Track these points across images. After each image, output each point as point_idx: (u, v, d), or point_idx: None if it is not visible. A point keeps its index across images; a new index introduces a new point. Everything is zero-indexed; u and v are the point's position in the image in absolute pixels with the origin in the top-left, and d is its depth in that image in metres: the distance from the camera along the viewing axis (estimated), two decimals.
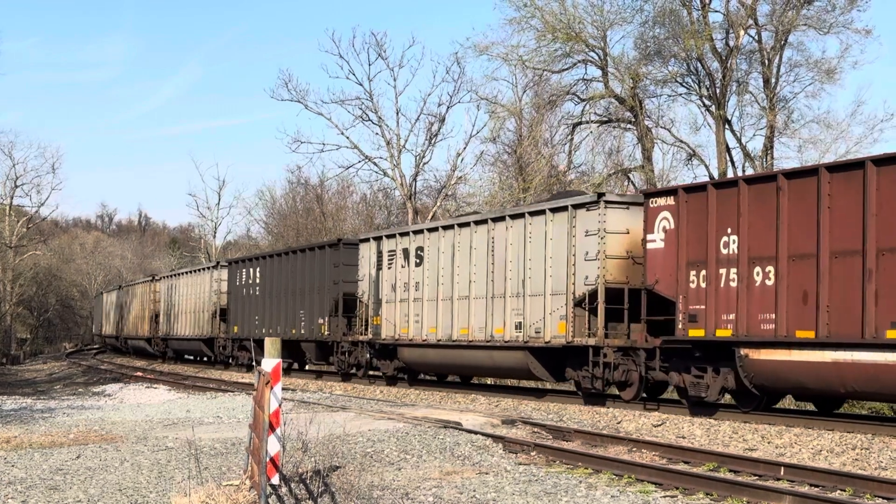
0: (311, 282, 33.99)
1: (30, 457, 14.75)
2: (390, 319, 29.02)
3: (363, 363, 31.14)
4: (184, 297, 49.22)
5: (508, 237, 24.33)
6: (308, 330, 34.02)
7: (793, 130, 38.95)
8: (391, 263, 29.31)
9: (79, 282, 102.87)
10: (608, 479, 12.89)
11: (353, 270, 31.50)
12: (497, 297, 24.59)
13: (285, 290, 36.26)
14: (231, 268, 42.92)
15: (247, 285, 40.17)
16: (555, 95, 42.43)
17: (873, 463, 14.07)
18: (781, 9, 37.16)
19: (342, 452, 14.44)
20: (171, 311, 51.53)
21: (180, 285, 50.25)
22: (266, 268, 38.39)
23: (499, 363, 25.02)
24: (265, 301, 38.14)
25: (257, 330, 38.41)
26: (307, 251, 35.03)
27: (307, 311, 34.13)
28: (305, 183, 68.35)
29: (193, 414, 21.85)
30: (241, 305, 40.66)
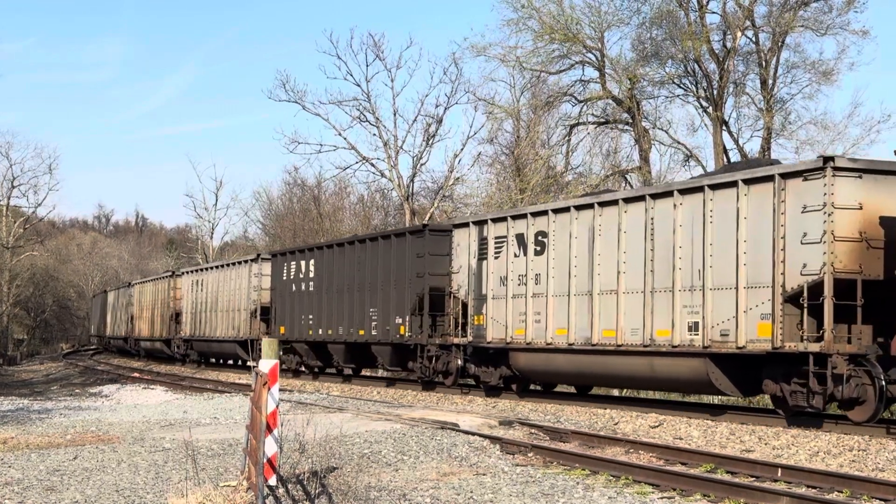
0: (386, 275, 29.06)
1: (26, 458, 14.73)
2: (499, 319, 24.29)
3: (453, 370, 26.56)
4: (214, 295, 44.17)
5: (678, 217, 19.45)
6: (381, 331, 29.15)
7: (790, 132, 39.04)
8: (499, 252, 24.50)
9: (76, 283, 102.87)
10: (605, 481, 12.89)
11: (443, 261, 26.89)
12: (660, 290, 19.82)
13: (349, 286, 31.21)
14: (276, 261, 37.51)
15: (296, 280, 34.95)
16: (552, 96, 42.49)
17: (870, 464, 14.07)
18: (778, 10, 37.22)
19: (339, 453, 14.43)
20: (197, 309, 46.47)
21: (209, 281, 45.07)
22: (323, 260, 33.16)
23: (662, 373, 20.21)
24: (322, 298, 32.93)
25: (311, 331, 33.60)
26: (380, 240, 29.95)
27: (380, 309, 29.24)
28: (302, 184, 68.35)
29: (191, 415, 21.84)
30: (289, 303, 35.51)
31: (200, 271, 47.51)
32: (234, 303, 41.27)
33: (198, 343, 46.64)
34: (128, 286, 62.87)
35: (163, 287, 52.51)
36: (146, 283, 57.72)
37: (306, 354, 34.28)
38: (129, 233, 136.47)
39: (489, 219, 25.15)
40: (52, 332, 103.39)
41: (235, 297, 41.20)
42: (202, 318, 45.50)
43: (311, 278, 33.93)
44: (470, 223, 25.84)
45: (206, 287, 45.24)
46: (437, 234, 27.62)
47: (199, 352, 47.39)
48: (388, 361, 29.30)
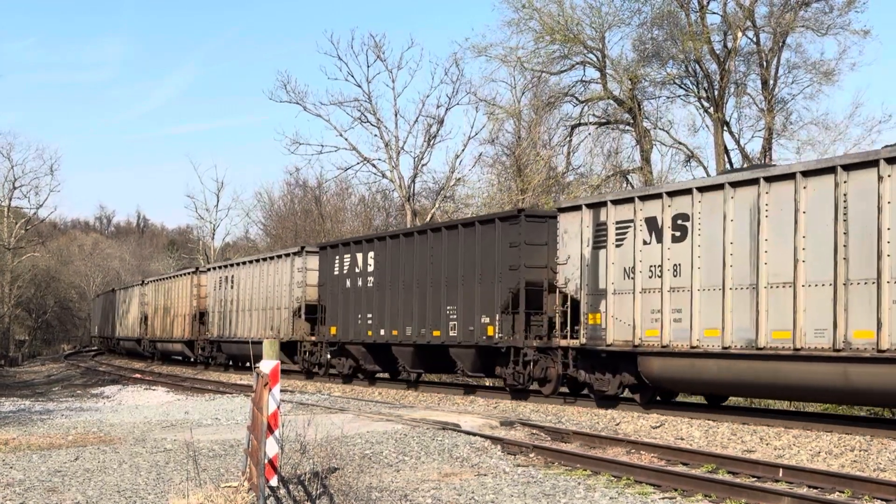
0: (470, 268, 25.62)
1: (28, 458, 14.74)
2: (622, 317, 20.89)
3: (552, 377, 23.56)
4: (247, 292, 40.19)
5: (885, 191, 16.15)
6: (463, 332, 25.69)
7: (791, 132, 39.04)
8: (622, 238, 21.02)
9: (77, 283, 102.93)
10: (607, 481, 12.90)
11: (540, 251, 23.68)
12: (857, 282, 16.48)
13: (420, 281, 27.65)
14: (325, 254, 33.63)
15: (351, 275, 31.25)
16: (553, 97, 42.49)
17: (872, 464, 14.07)
18: (779, 10, 37.22)
19: (340, 454, 14.44)
20: (226, 308, 42.55)
21: (241, 277, 40.90)
22: (386, 252, 29.52)
23: (862, 385, 16.61)
24: (384, 295, 29.37)
25: (371, 331, 30.03)
26: (461, 228, 26.32)
27: (461, 307, 25.77)
28: (304, 184, 68.43)
29: (192, 416, 21.85)
30: (342, 301, 31.78)
31: (230, 267, 43.00)
32: (273, 301, 37.32)
33: (226, 345, 42.74)
34: (141, 284, 59.14)
35: (184, 285, 48.71)
36: (163, 280, 53.96)
37: (363, 358, 30.90)
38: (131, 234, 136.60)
39: (609, 200, 21.50)
40: (54, 333, 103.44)
41: (275, 294, 37.24)
42: (233, 318, 41.55)
43: (370, 273, 30.21)
44: (582, 206, 22.12)
45: (239, 284, 41.13)
46: (535, 220, 24.21)
47: (228, 354, 43.32)
48: (470, 366, 25.79)
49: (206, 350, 45.47)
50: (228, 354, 43.18)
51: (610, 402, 21.92)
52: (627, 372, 21.13)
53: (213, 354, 44.80)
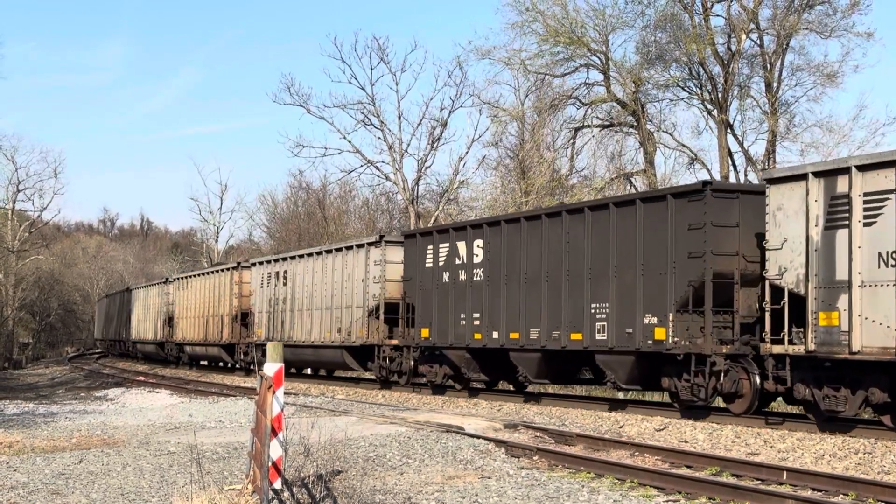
0: (627, 256, 21.00)
1: (32, 461, 14.75)
2: (877, 317, 16.22)
3: (746, 391, 18.99)
4: (306, 289, 35.18)
5: None
6: (616, 334, 21.09)
7: (795, 135, 39.01)
8: (875, 214, 16.42)
9: (81, 286, 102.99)
10: (610, 484, 12.89)
11: (730, 235, 19.26)
12: None
13: (552, 273, 23.00)
14: (412, 244, 28.48)
15: (450, 268, 26.56)
16: (557, 99, 42.49)
17: (876, 467, 14.06)
18: (783, 13, 37.19)
19: (344, 457, 14.44)
20: (277, 308, 37.70)
21: (297, 273, 36.07)
22: (500, 239, 24.75)
23: None
24: (499, 290, 24.75)
25: (479, 334, 25.25)
26: (614, 207, 21.60)
27: (615, 304, 21.23)
28: (307, 187, 68.47)
29: (195, 418, 21.86)
30: (437, 298, 26.95)
31: (283, 261, 37.89)
32: (342, 299, 32.33)
33: None
34: (164, 282, 54.57)
35: (220, 282, 43.97)
36: (194, 277, 49.02)
37: (466, 365, 26.32)
38: (134, 236, 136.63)
39: (853, 166, 16.74)
40: (58, 335, 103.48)
41: (344, 291, 32.27)
42: (286, 319, 36.63)
43: (478, 264, 25.54)
44: (808, 175, 17.43)
45: (294, 280, 36.26)
46: (724, 195, 19.61)
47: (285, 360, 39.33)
48: (625, 377, 21.29)
49: (248, 354, 40.36)
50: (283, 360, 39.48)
51: (847, 426, 17.39)
52: (877, 387, 16.49)
53: (260, 359, 40.21)
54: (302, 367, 39.15)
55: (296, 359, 36.21)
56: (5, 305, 76.85)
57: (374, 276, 30.58)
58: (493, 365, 26.09)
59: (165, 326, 53.05)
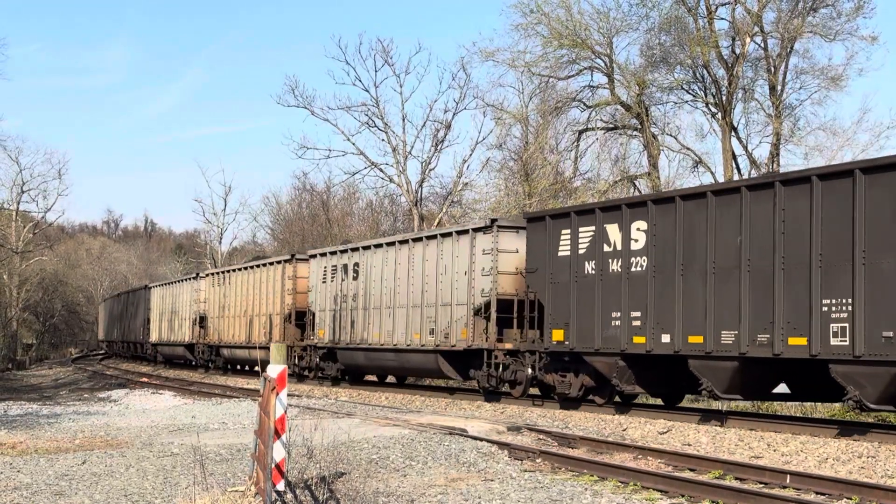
0: (884, 237, 16.59)
1: (35, 462, 14.76)
2: None
3: None
4: (385, 284, 30.44)
5: None
6: (864, 339, 16.69)
7: (798, 138, 39.04)
8: None
9: (84, 287, 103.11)
10: (614, 487, 12.88)
11: None
12: None
13: (754, 260, 18.59)
14: (537, 229, 23.82)
15: (596, 256, 22.02)
16: (561, 102, 42.52)
17: (879, 471, 14.04)
18: (787, 16, 37.21)
19: (347, 459, 14.44)
20: (345, 306, 32.77)
21: (372, 265, 31.29)
22: (673, 220, 20.25)
23: None
24: (670, 283, 20.15)
25: (641, 336, 20.74)
26: (861, 175, 16.89)
27: (861, 299, 16.76)
28: (311, 189, 68.51)
29: (199, 420, 21.86)
30: (577, 293, 22.42)
31: (351, 252, 32.91)
32: (437, 295, 27.68)
33: (348, 353, 32.69)
34: (194, 278, 49.60)
35: (268, 277, 39.13)
36: (232, 272, 43.89)
37: (619, 375, 21.46)
38: (138, 237, 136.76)
39: None
40: (61, 336, 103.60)
41: (439, 286, 27.58)
42: (358, 319, 31.88)
43: (639, 251, 21.09)
44: None
45: (368, 273, 31.50)
46: None
47: (355, 366, 33.24)
48: (878, 393, 16.70)
49: (304, 359, 35.90)
50: (354, 365, 33.26)
51: None
52: None
53: (322, 364, 34.70)
54: (376, 372, 34.18)
55: (370, 364, 32.00)
56: (9, 306, 76.94)
57: (482, 268, 25.86)
58: (658, 375, 21.56)
59: (195, 327, 48.15)
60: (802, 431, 17.78)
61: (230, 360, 44.62)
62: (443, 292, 27.46)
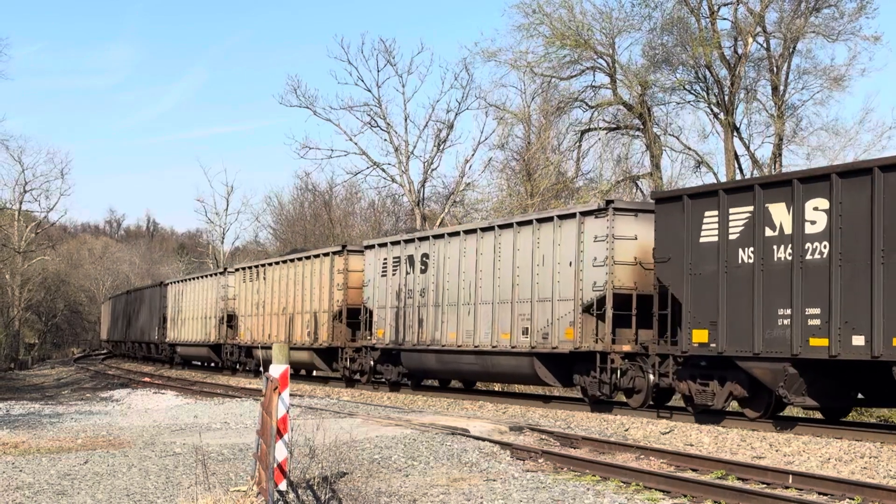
0: None
1: (38, 462, 14.77)
2: None
3: None
4: (464, 277, 26.77)
5: None
6: None
7: (801, 138, 39.02)
8: None
9: (87, 287, 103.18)
10: (616, 487, 12.88)
11: None
12: None
13: None
14: (674, 209, 20.35)
15: (755, 240, 18.53)
16: (563, 102, 42.52)
17: (882, 471, 14.03)
18: (789, 16, 37.19)
19: (349, 458, 14.44)
20: (410, 302, 29.08)
21: (446, 256, 27.55)
22: (865, 195, 16.77)
23: None
24: (863, 273, 16.75)
25: (826, 336, 17.23)
26: None
27: None
28: (313, 189, 68.52)
29: (201, 419, 21.87)
30: (728, 286, 19.05)
31: (419, 241, 29.17)
32: (533, 290, 24.08)
33: (418, 355, 28.79)
34: (222, 273, 45.68)
35: (314, 271, 35.07)
36: (269, 266, 39.54)
37: (787, 384, 17.86)
38: (141, 237, 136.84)
39: None
40: (63, 336, 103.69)
41: (536, 279, 23.95)
42: (427, 317, 28.26)
43: (816, 236, 17.51)
44: None
45: (440, 265, 27.87)
46: None
47: (423, 370, 29.36)
48: None
49: (358, 361, 32.57)
50: (417, 369, 29.46)
51: None
52: None
53: (380, 368, 31.24)
54: (452, 378, 30.55)
55: (443, 368, 28.18)
56: (11, 306, 77.00)
57: (593, 258, 22.39)
58: (841, 384, 18.31)
59: (222, 326, 44.40)
60: (805, 432, 17.77)
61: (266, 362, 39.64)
62: (540, 286, 23.81)
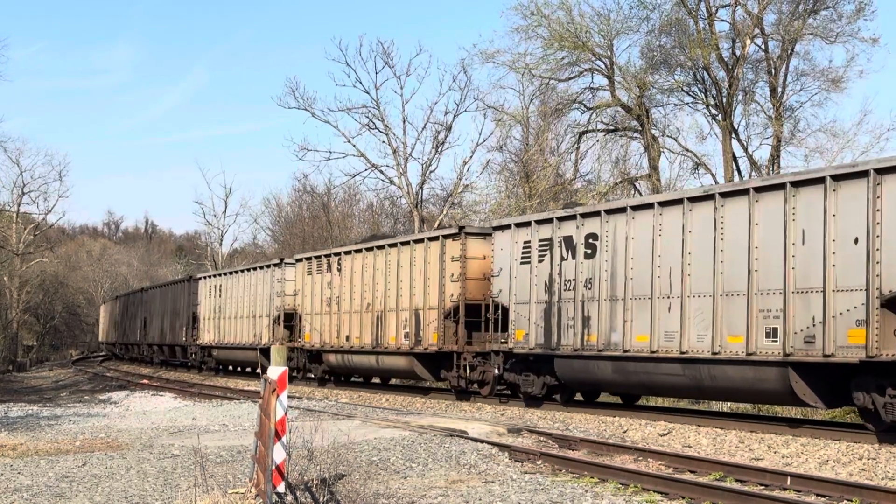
0: None
1: (36, 464, 14.76)
2: None
3: None
4: (661, 262, 20.81)
5: None
6: None
7: (799, 140, 39.05)
8: None
9: (85, 289, 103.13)
10: (614, 488, 12.88)
11: None
12: None
13: None
14: None
15: None
16: (561, 104, 42.53)
17: (880, 473, 14.04)
18: (788, 18, 37.22)
19: (348, 460, 14.43)
20: (559, 298, 23.05)
21: (631, 235, 21.49)
22: None
23: None
24: None
25: None
26: None
27: None
28: (312, 191, 68.55)
29: (199, 421, 21.86)
30: None
31: (578, 219, 22.78)
32: (786, 277, 18.06)
33: (583, 364, 22.41)
34: (278, 265, 39.15)
35: (418, 259, 28.81)
36: (348, 255, 33.15)
37: None
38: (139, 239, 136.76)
39: None
40: (62, 338, 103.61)
41: (792, 262, 17.96)
42: (598, 314, 21.98)
43: None
44: None
45: (613, 249, 21.80)
46: None
47: (591, 381, 22.90)
48: None
49: (478, 369, 26.23)
50: (583, 381, 23.02)
51: None
52: None
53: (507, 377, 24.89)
54: (641, 393, 24.13)
55: (625, 381, 21.82)
56: (10, 308, 76.94)
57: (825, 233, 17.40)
58: None
59: (276, 326, 38.48)
60: (803, 433, 17.77)
61: (347, 368, 33.63)
62: (802, 272, 17.83)
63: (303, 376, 36.21)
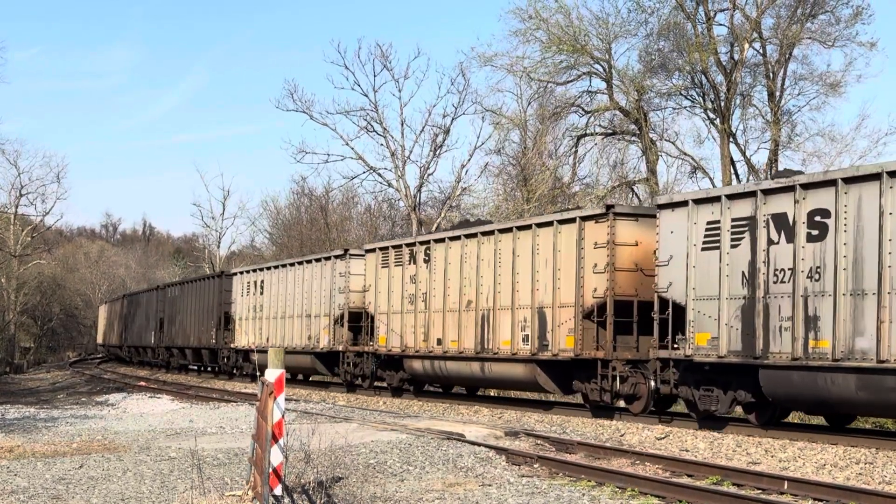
0: None
1: (32, 466, 14.75)
2: None
3: None
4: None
5: None
6: None
7: (797, 144, 39.08)
8: None
9: (83, 291, 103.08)
10: (611, 492, 12.87)
11: None
12: None
13: None
14: None
15: None
16: (559, 107, 42.56)
17: (877, 477, 14.04)
18: (786, 22, 37.26)
19: (345, 463, 14.43)
20: (772, 291, 17.75)
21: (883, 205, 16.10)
22: None
23: None
24: None
25: None
26: None
27: None
28: (310, 193, 68.51)
29: (196, 424, 21.85)
30: None
31: (803, 190, 17.33)
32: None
33: (788, 376, 17.45)
34: (338, 257, 33.74)
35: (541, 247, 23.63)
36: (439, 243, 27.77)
37: None
38: (137, 241, 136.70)
39: None
40: (59, 340, 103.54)
41: None
42: (805, 312, 17.14)
43: None
44: None
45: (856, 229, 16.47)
46: None
47: (798, 399, 17.94)
48: None
49: (636, 385, 21.33)
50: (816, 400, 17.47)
51: None
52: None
53: (696, 394, 19.52)
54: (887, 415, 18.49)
55: (872, 400, 16.38)
56: (7, 310, 76.87)
57: None
58: None
59: (338, 328, 33.52)
60: (800, 437, 17.77)
61: (438, 377, 28.61)
62: None
63: (370, 385, 31.61)
